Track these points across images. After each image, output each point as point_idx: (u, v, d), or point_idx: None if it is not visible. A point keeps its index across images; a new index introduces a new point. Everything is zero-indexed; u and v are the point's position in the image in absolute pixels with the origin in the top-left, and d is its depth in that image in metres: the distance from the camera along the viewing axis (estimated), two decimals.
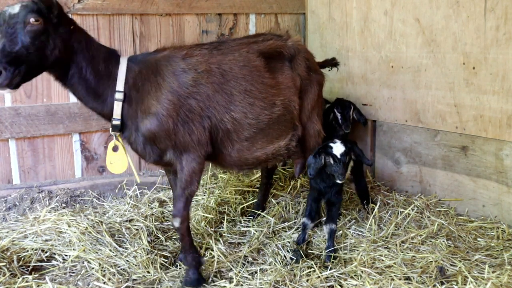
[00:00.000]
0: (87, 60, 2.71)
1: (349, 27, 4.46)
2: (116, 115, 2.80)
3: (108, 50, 2.85)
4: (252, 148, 3.09)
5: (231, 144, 3.02)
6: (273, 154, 3.21)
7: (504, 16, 3.28)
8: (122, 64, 2.79)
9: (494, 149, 3.45)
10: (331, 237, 3.13)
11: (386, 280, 2.75)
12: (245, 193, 4.18)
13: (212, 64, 2.96)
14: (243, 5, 4.62)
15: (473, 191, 3.62)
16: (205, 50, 3.03)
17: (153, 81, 2.82)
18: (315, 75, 3.44)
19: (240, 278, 2.84)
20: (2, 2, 3.71)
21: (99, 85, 2.76)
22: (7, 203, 3.81)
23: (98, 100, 2.80)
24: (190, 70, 2.87)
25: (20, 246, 3.17)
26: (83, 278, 2.87)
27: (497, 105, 3.39)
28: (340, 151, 3.01)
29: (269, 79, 3.13)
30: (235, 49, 3.12)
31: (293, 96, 3.24)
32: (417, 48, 3.88)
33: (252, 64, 3.09)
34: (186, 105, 2.82)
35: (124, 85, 2.77)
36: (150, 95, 2.80)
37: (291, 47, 3.30)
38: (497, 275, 2.75)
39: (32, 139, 3.96)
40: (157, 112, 2.77)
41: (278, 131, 3.20)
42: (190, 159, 2.86)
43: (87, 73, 2.72)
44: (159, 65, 2.86)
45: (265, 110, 3.07)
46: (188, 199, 2.87)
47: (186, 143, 2.83)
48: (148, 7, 4.20)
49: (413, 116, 4.00)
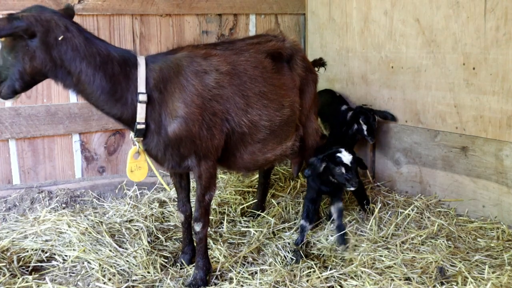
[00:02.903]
0: (94, 65, 2.55)
1: (349, 27, 4.46)
2: (140, 119, 2.63)
3: (122, 51, 2.71)
4: (263, 150, 3.07)
5: (244, 146, 2.97)
6: (281, 154, 3.21)
7: (504, 17, 3.28)
8: (141, 65, 2.65)
9: (494, 149, 3.45)
10: (339, 216, 3.17)
11: (386, 280, 2.75)
12: (245, 194, 4.18)
13: (229, 65, 2.88)
14: (243, 6, 4.62)
15: (473, 192, 3.62)
16: (219, 50, 2.95)
17: (176, 82, 2.69)
18: (311, 75, 3.45)
19: (240, 278, 2.84)
20: (2, 3, 3.71)
21: (117, 89, 2.61)
22: (7, 204, 3.81)
23: (117, 105, 2.64)
24: (212, 71, 2.78)
25: (20, 247, 3.17)
26: (83, 278, 2.87)
27: (497, 105, 3.39)
28: (350, 159, 3.03)
29: (277, 80, 3.11)
30: (244, 49, 3.07)
31: (296, 96, 3.25)
32: (417, 49, 3.88)
33: (262, 65, 3.06)
34: (210, 108, 2.74)
35: (145, 86, 2.63)
36: (175, 96, 2.67)
37: (289, 47, 3.29)
38: (497, 276, 2.75)
39: (32, 140, 3.96)
40: (184, 115, 2.65)
41: (287, 132, 3.20)
42: (208, 165, 2.80)
43: (97, 78, 2.56)
44: (180, 65, 2.74)
45: (277, 112, 3.05)
46: (208, 204, 2.87)
47: (207, 148, 2.76)
48: (148, 7, 4.21)
49: (413, 117, 4.00)
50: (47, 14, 2.49)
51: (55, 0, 3.86)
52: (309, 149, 3.50)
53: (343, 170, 3.01)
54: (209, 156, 2.79)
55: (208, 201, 2.85)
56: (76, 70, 2.53)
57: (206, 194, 2.84)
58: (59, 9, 2.74)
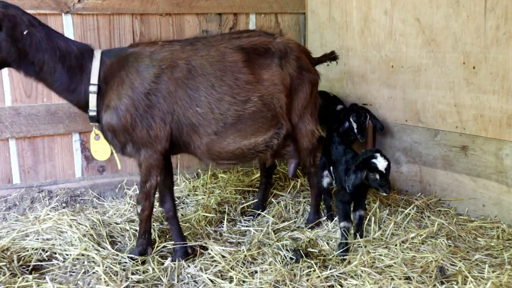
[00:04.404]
0: (54, 58, 2.85)
1: (349, 26, 4.46)
2: (92, 107, 2.97)
3: (80, 45, 3.01)
4: (223, 142, 3.12)
5: (199, 137, 3.08)
6: (249, 149, 3.21)
7: (504, 16, 3.28)
8: (96, 58, 2.96)
9: (494, 148, 3.45)
10: (361, 224, 3.25)
11: (386, 280, 2.75)
12: (245, 193, 4.18)
13: (179, 60, 3.03)
14: (243, 5, 4.62)
15: (473, 191, 3.62)
16: (177, 46, 3.12)
17: (118, 76, 2.96)
18: (308, 74, 3.40)
19: (240, 278, 2.84)
20: None
21: (73, 79, 2.93)
22: (7, 203, 3.81)
23: (73, 93, 2.97)
24: (154, 66, 2.97)
25: (20, 246, 3.17)
26: (83, 277, 2.87)
27: (497, 104, 3.39)
28: (385, 165, 3.05)
29: (247, 75, 3.13)
30: (212, 44, 3.16)
31: (279, 93, 3.22)
32: (417, 48, 3.88)
33: (226, 60, 3.11)
34: (145, 101, 2.93)
35: (97, 78, 2.94)
36: (112, 89, 2.95)
37: (280, 44, 3.28)
38: (497, 275, 2.75)
39: (32, 139, 3.96)
40: (116, 106, 2.92)
41: (254, 127, 3.18)
42: (147, 154, 3.00)
43: (57, 69, 2.88)
44: (127, 60, 2.99)
45: (235, 106, 3.09)
46: (149, 191, 3.06)
47: (143, 138, 2.96)
48: (148, 6, 4.20)
49: (413, 116, 4.00)
50: (13, 9, 2.78)
51: (55, 0, 3.86)
52: (304, 151, 3.48)
53: (377, 176, 3.04)
54: (148, 146, 2.97)
55: (149, 188, 3.05)
56: (39, 62, 2.85)
57: (147, 182, 3.04)
58: None
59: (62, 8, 3.89)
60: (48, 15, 3.87)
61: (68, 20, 3.94)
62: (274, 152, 3.35)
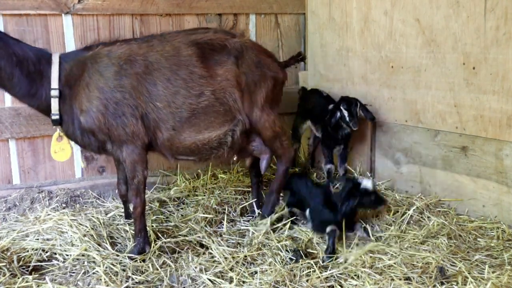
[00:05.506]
0: (11, 64, 2.90)
1: (349, 27, 4.46)
2: (54, 111, 3.03)
3: (37, 50, 3.06)
4: (180, 137, 3.20)
5: (162, 132, 3.15)
6: (204, 145, 3.27)
7: (504, 16, 3.28)
8: (55, 63, 3.01)
9: (494, 149, 3.45)
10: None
11: (386, 280, 2.75)
12: (245, 193, 4.18)
13: (137, 56, 3.10)
14: (243, 5, 4.62)
15: (473, 191, 3.62)
16: (134, 44, 3.19)
17: (82, 79, 3.02)
18: (268, 72, 3.48)
19: (240, 278, 2.84)
20: (2, 3, 3.71)
21: (33, 84, 2.99)
22: (7, 203, 3.81)
23: (34, 98, 3.03)
24: (114, 64, 3.04)
25: (20, 246, 3.17)
26: (83, 278, 2.87)
27: (497, 105, 3.39)
28: (372, 184, 3.30)
29: (200, 69, 3.20)
30: (167, 40, 3.24)
31: (232, 88, 3.29)
32: (417, 48, 3.88)
33: (181, 54, 3.19)
34: (112, 99, 3.01)
35: (58, 82, 2.99)
36: (80, 92, 3.02)
37: (237, 43, 3.37)
38: (497, 275, 2.75)
39: (32, 139, 3.96)
40: (88, 109, 3.00)
41: (207, 121, 3.25)
42: (129, 151, 3.08)
43: (16, 75, 2.93)
44: (87, 63, 3.05)
45: (189, 99, 3.16)
46: (138, 187, 3.14)
47: (121, 136, 3.04)
48: (148, 7, 4.21)
49: (413, 116, 4.00)
50: None
51: (55, 0, 3.86)
52: (270, 140, 3.55)
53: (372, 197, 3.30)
54: (128, 142, 3.06)
55: (137, 183, 3.13)
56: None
57: (135, 177, 3.12)
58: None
59: (62, 8, 3.90)
60: (48, 16, 3.87)
61: (68, 20, 3.95)
62: (235, 150, 3.44)
